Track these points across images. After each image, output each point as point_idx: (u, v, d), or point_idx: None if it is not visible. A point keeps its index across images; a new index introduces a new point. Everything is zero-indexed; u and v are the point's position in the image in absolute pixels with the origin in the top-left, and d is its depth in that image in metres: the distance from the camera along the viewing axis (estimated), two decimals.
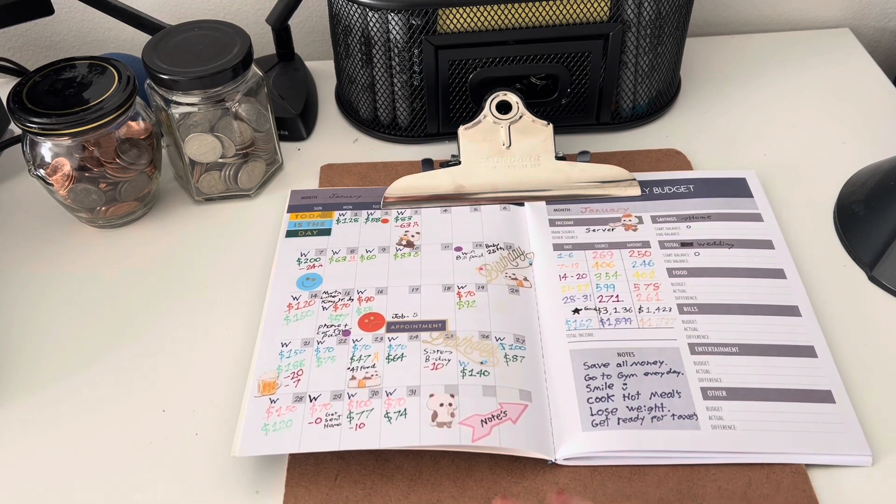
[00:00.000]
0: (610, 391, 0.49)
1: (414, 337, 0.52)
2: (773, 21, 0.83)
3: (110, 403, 0.52)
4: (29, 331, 0.56)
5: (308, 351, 0.52)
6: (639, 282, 0.55)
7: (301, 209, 0.62)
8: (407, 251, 0.58)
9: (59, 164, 0.58)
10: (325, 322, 0.54)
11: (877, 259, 0.57)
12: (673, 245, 0.58)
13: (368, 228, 0.60)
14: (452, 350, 0.51)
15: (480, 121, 0.62)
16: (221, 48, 0.59)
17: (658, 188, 0.62)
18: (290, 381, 0.50)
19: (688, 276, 0.56)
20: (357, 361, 0.51)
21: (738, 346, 0.51)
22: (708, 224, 0.59)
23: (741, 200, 0.61)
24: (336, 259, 0.58)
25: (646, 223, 0.60)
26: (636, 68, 0.67)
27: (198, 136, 0.60)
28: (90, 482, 0.47)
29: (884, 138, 0.68)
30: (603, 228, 0.59)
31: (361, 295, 0.55)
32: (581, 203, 0.62)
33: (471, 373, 0.50)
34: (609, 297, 0.55)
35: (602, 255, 0.57)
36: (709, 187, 0.62)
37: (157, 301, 0.57)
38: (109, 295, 0.58)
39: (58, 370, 0.53)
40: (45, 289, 0.59)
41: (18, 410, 0.51)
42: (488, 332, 0.52)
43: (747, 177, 0.63)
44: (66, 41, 0.82)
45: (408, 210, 0.62)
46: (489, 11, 0.62)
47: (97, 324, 0.56)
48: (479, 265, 0.57)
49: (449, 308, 0.54)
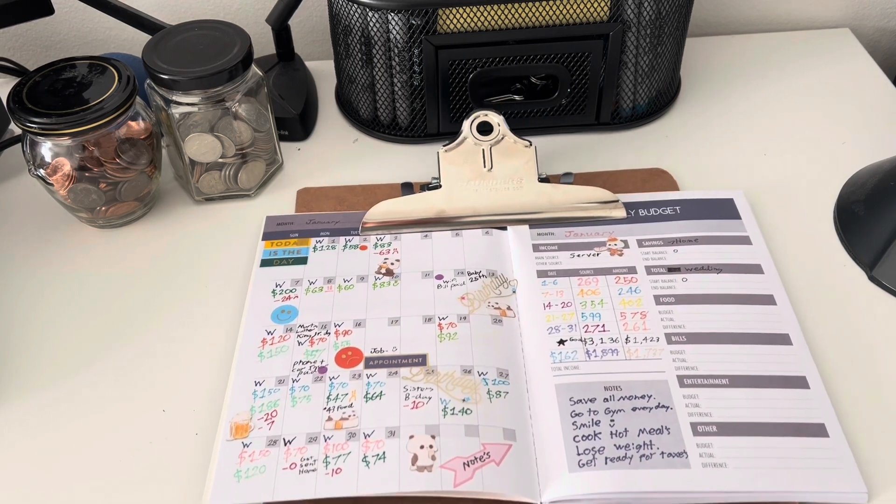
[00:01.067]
0: (597, 428, 0.47)
1: (393, 373, 0.50)
2: (773, 21, 0.83)
3: (110, 403, 0.52)
4: (29, 331, 0.56)
5: (282, 390, 0.50)
6: (625, 310, 0.53)
7: (276, 236, 0.60)
8: (386, 280, 0.56)
9: (59, 164, 0.58)
10: (301, 358, 0.51)
11: (877, 259, 0.57)
12: (660, 270, 0.56)
13: (346, 256, 0.58)
14: (433, 387, 0.49)
15: (461, 142, 0.60)
16: (221, 48, 0.59)
17: (644, 210, 0.60)
18: (263, 424, 0.48)
19: (675, 303, 0.54)
20: (333, 401, 0.49)
21: (728, 377, 0.50)
22: (695, 248, 0.57)
23: (729, 223, 0.59)
24: (312, 290, 0.56)
25: (632, 247, 0.58)
26: (636, 68, 0.67)
27: (198, 136, 0.60)
28: (90, 482, 0.47)
29: (884, 138, 0.68)
30: (588, 253, 0.58)
31: (339, 328, 0.53)
32: (565, 227, 0.60)
33: (452, 411, 0.48)
34: (595, 326, 0.53)
35: (587, 282, 0.55)
36: (696, 209, 0.60)
37: (157, 301, 0.57)
38: (109, 295, 0.58)
39: (58, 370, 0.53)
40: (45, 289, 0.59)
41: (18, 410, 0.51)
42: (470, 367, 0.50)
43: (735, 197, 0.61)
44: (66, 41, 0.82)
45: (387, 236, 0.59)
46: (489, 11, 0.62)
47: (97, 324, 0.56)
48: (460, 294, 0.55)
49: (430, 341, 0.52)
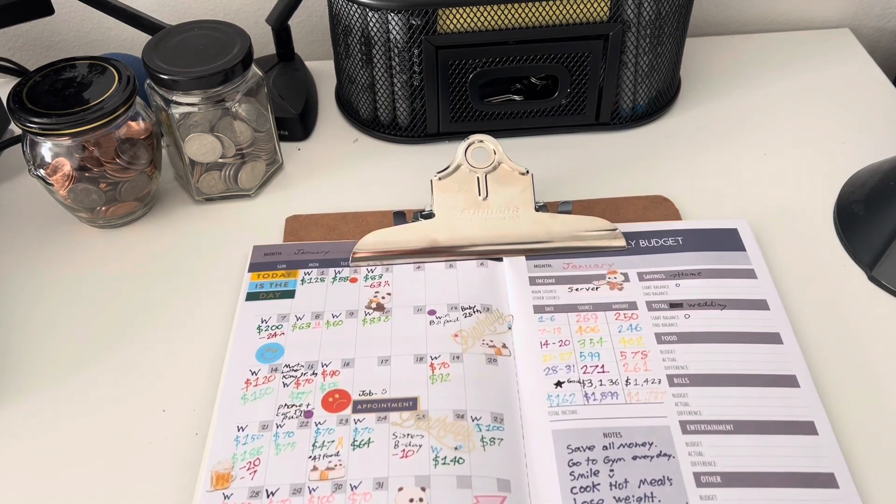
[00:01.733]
0: (595, 479, 0.45)
1: (382, 418, 0.48)
2: (773, 21, 0.83)
3: (110, 403, 0.52)
4: (29, 331, 0.56)
5: (266, 436, 0.47)
6: (626, 349, 0.51)
7: (263, 268, 0.58)
8: (377, 315, 0.54)
9: (59, 164, 0.58)
10: (286, 401, 0.49)
11: (877, 259, 0.57)
12: (661, 306, 0.54)
13: (336, 289, 0.56)
14: (424, 434, 0.47)
15: (455, 169, 0.57)
16: (221, 48, 0.59)
17: (644, 241, 0.58)
18: (245, 473, 0.46)
19: (678, 342, 0.52)
20: (319, 448, 0.46)
21: (733, 422, 0.47)
22: (698, 282, 0.55)
23: (733, 255, 0.57)
24: (299, 326, 0.53)
25: (632, 281, 0.55)
26: (636, 68, 0.67)
27: (198, 136, 0.60)
28: (90, 482, 0.47)
29: (884, 138, 0.68)
30: (587, 287, 0.55)
31: (326, 368, 0.51)
32: (563, 258, 0.57)
33: (444, 461, 0.45)
34: (594, 367, 0.51)
35: (586, 319, 0.53)
36: (698, 240, 0.58)
37: (156, 301, 0.57)
38: (109, 295, 0.58)
39: (58, 370, 0.53)
40: (45, 289, 0.59)
41: (18, 410, 0.51)
42: (463, 412, 0.48)
43: (739, 227, 0.59)
44: (66, 41, 0.82)
45: (378, 267, 0.57)
46: (489, 11, 0.62)
47: (97, 324, 0.56)
48: (454, 331, 0.52)
49: (421, 383, 0.50)
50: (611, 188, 0.64)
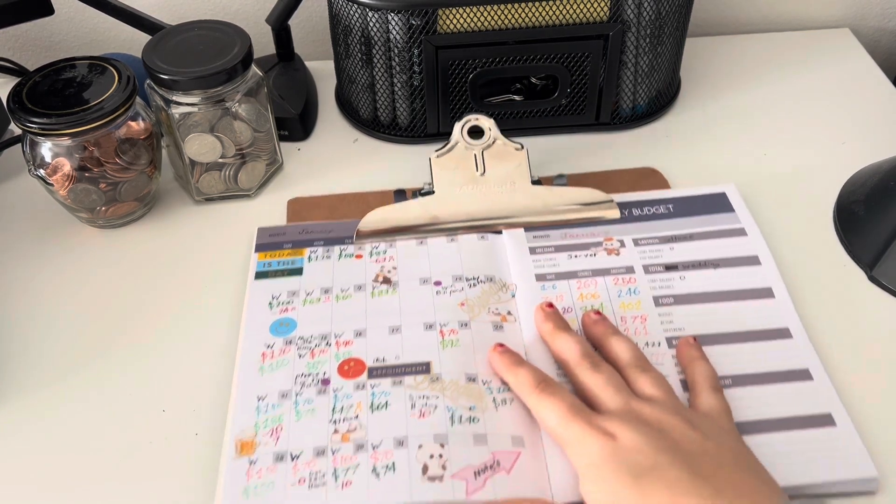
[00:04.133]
0: None
1: (398, 382, 0.49)
2: (773, 21, 0.83)
3: (110, 403, 0.52)
4: (29, 331, 0.56)
5: (286, 404, 0.49)
6: (625, 314, 0.53)
7: (269, 248, 0.59)
8: (384, 288, 0.55)
9: (59, 164, 0.58)
10: (303, 371, 0.50)
11: (877, 259, 0.57)
12: (657, 269, 0.56)
13: (342, 265, 0.57)
14: (439, 395, 0.48)
15: (452, 147, 0.59)
16: (221, 48, 0.59)
17: (637, 209, 0.60)
18: (269, 439, 0.47)
19: (675, 303, 0.54)
20: (339, 413, 0.48)
21: (732, 377, 0.50)
22: (691, 244, 0.57)
23: (723, 216, 0.59)
24: (310, 301, 0.55)
25: (628, 246, 0.57)
26: (636, 68, 0.67)
27: (198, 136, 0.60)
28: (90, 482, 0.47)
29: (884, 138, 0.68)
30: (585, 254, 0.57)
31: (339, 339, 0.52)
32: (560, 228, 0.59)
33: (460, 420, 0.47)
34: None
35: (586, 285, 0.55)
36: (688, 205, 0.60)
37: (156, 301, 0.57)
38: (109, 295, 0.58)
39: (57, 370, 0.53)
40: (45, 289, 0.59)
41: (18, 410, 0.51)
42: (475, 375, 0.49)
43: (727, 191, 0.61)
44: (66, 41, 0.82)
45: (382, 244, 0.59)
46: (489, 11, 0.62)
47: (97, 324, 0.56)
48: (460, 300, 0.54)
49: (432, 349, 0.51)
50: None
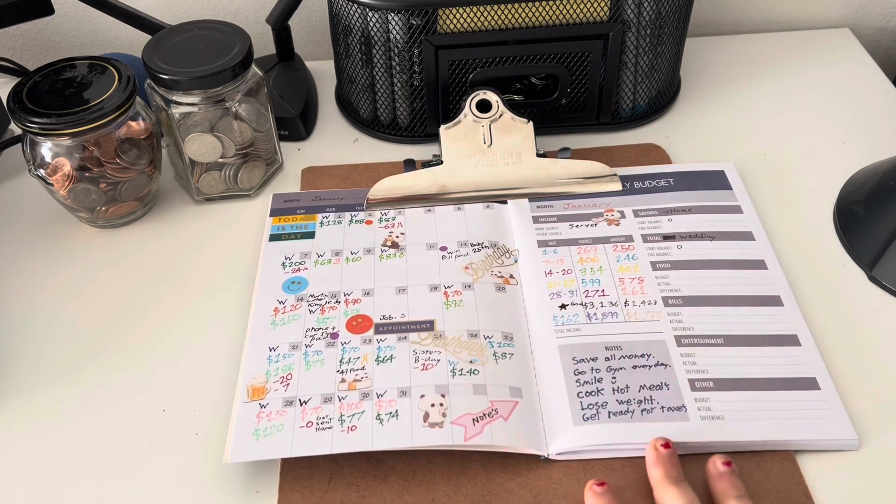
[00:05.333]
0: (599, 385, 0.49)
1: (402, 338, 0.52)
2: (773, 21, 0.83)
3: (110, 403, 0.52)
4: (29, 331, 0.56)
5: (296, 355, 0.52)
6: (623, 276, 0.56)
7: (284, 213, 0.62)
8: (392, 252, 0.58)
9: (59, 164, 0.58)
10: (313, 325, 0.53)
11: (877, 259, 0.57)
12: (655, 238, 0.58)
13: (352, 230, 0.60)
14: (441, 350, 0.51)
15: (461, 120, 0.62)
16: (221, 48, 0.59)
17: (638, 182, 0.63)
18: (279, 386, 0.50)
19: (671, 269, 0.56)
20: (346, 364, 0.51)
21: (723, 336, 0.52)
22: (689, 217, 0.60)
23: (720, 193, 0.62)
24: (321, 262, 0.58)
25: (628, 217, 0.60)
26: (636, 68, 0.67)
27: (198, 136, 0.60)
28: (90, 482, 0.47)
29: (884, 138, 0.68)
30: (586, 224, 0.60)
31: (348, 297, 0.55)
32: (563, 199, 0.62)
33: (461, 372, 0.50)
34: (595, 291, 0.55)
35: (586, 251, 0.58)
36: (688, 180, 0.63)
37: (157, 301, 0.57)
38: (109, 295, 0.58)
39: (58, 370, 0.53)
40: (45, 289, 0.59)
41: (18, 410, 0.51)
42: (476, 331, 0.52)
43: (725, 169, 0.64)
44: (66, 41, 0.82)
45: (391, 211, 0.62)
46: (489, 11, 0.62)
47: (97, 324, 0.56)
48: (464, 264, 0.57)
49: (436, 308, 0.54)
50: None
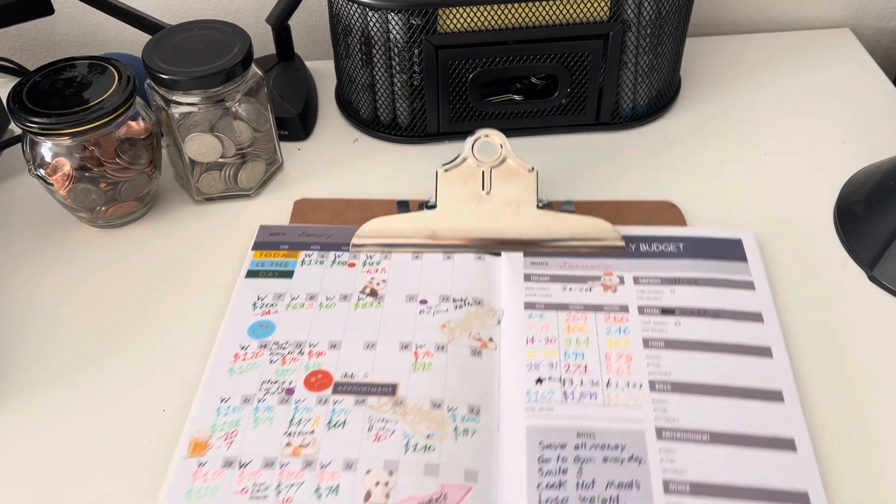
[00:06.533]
0: (563, 477, 0.45)
1: (360, 401, 0.49)
2: (773, 21, 0.83)
3: (110, 403, 0.52)
4: (28, 331, 0.56)
5: (247, 409, 0.49)
6: (611, 351, 0.51)
7: (267, 247, 0.59)
8: (369, 301, 0.55)
9: (59, 164, 0.58)
10: (270, 377, 0.50)
11: (877, 259, 0.57)
12: (653, 311, 0.53)
13: (333, 272, 0.57)
14: (399, 420, 0.48)
15: (461, 162, 0.57)
16: (221, 48, 0.59)
17: (645, 245, 0.57)
18: (222, 443, 0.47)
19: (665, 347, 0.51)
20: (295, 426, 0.48)
21: (710, 433, 0.46)
22: (694, 290, 0.54)
23: (734, 265, 0.56)
24: (293, 305, 0.55)
25: (627, 284, 0.55)
26: (636, 68, 0.67)
27: (198, 136, 0.60)
28: (89, 483, 0.47)
29: (884, 138, 0.68)
30: (580, 287, 0.55)
31: (313, 349, 0.52)
32: (561, 257, 0.57)
33: (415, 448, 0.46)
34: (577, 366, 0.50)
35: (575, 318, 0.53)
36: (700, 247, 0.57)
37: (156, 301, 0.57)
38: (109, 295, 0.58)
39: (57, 370, 0.53)
40: (44, 289, 0.59)
41: (18, 410, 0.51)
42: (441, 401, 0.48)
43: (743, 238, 0.58)
44: (66, 41, 0.82)
45: (377, 254, 0.58)
46: (489, 11, 0.62)
47: (97, 324, 0.56)
48: (442, 322, 0.53)
49: (403, 370, 0.50)
50: (611, 188, 0.64)
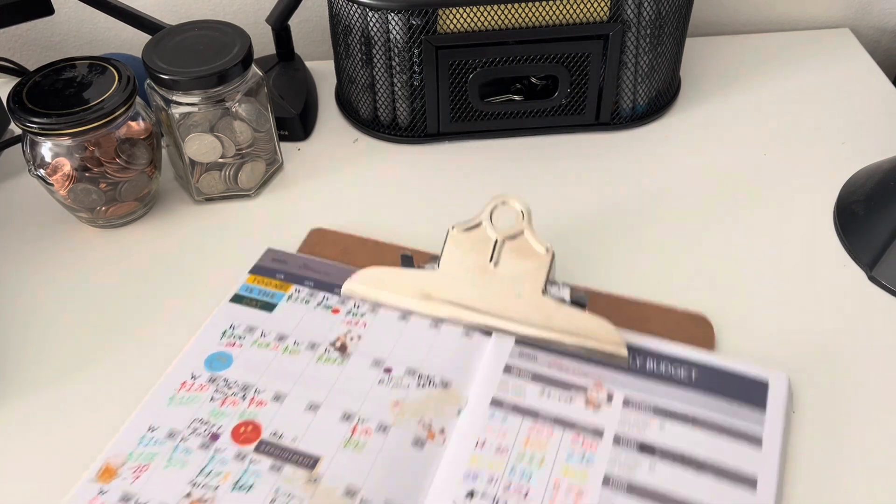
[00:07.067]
0: None
1: (277, 468, 0.45)
2: (773, 21, 0.83)
3: (110, 404, 0.52)
4: (28, 331, 0.56)
5: (167, 445, 0.46)
6: (563, 480, 0.44)
7: (264, 272, 0.57)
8: (334, 356, 0.51)
9: (59, 164, 0.58)
10: (203, 416, 0.48)
11: (877, 259, 0.57)
12: (630, 445, 0.46)
13: (314, 315, 0.54)
14: (306, 499, 0.44)
15: (475, 226, 0.53)
16: (221, 48, 0.59)
17: (652, 362, 0.49)
18: (129, 475, 0.45)
19: (625, 492, 0.43)
20: (204, 476, 0.45)
21: None
22: (688, 430, 0.46)
23: (748, 411, 0.47)
24: (259, 343, 0.52)
25: (614, 404, 0.48)
26: (636, 68, 0.67)
27: (198, 136, 0.60)
28: None
29: (884, 138, 0.68)
30: (560, 396, 0.48)
31: (256, 396, 0.49)
32: (552, 353, 0.51)
33: None
34: (518, 488, 0.44)
35: (539, 431, 0.46)
36: (716, 380, 0.48)
37: (156, 301, 0.57)
38: (109, 295, 0.58)
39: (57, 370, 0.53)
40: (44, 289, 0.59)
41: (18, 410, 0.51)
42: (357, 490, 0.44)
43: (771, 381, 0.48)
44: (66, 41, 0.82)
45: (365, 305, 0.54)
46: (489, 11, 0.62)
47: (97, 323, 0.56)
48: (397, 398, 0.48)
49: (334, 443, 0.46)
50: (610, 193, 0.64)
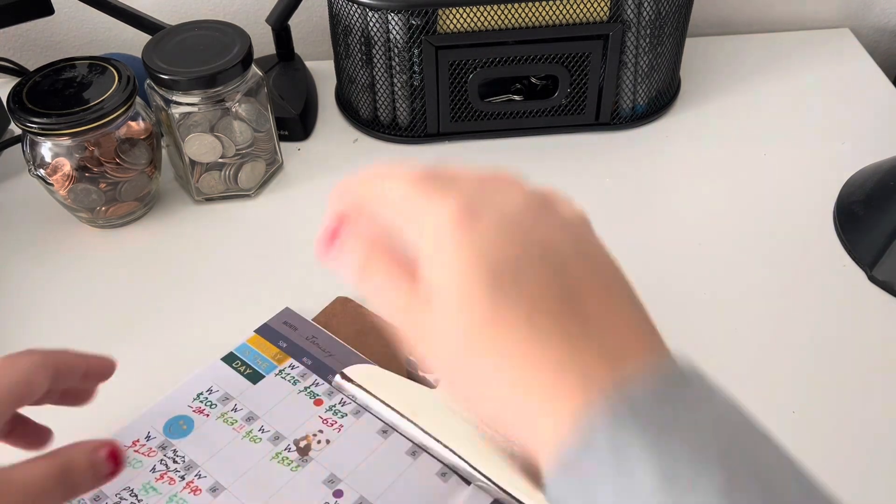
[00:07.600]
0: None
1: None
2: (773, 21, 0.83)
3: (110, 404, 0.51)
4: (28, 331, 0.56)
5: None
6: None
7: (269, 336, 0.53)
8: (290, 460, 0.46)
9: (59, 164, 0.58)
10: (135, 488, 0.45)
11: (877, 259, 0.57)
12: None
13: (295, 400, 0.49)
14: None
15: None
16: (221, 48, 0.59)
17: None
18: None
19: None
20: None
21: None
22: None
23: None
24: (226, 419, 0.48)
25: None
26: (636, 68, 0.67)
27: (198, 136, 0.60)
28: None
29: (884, 138, 0.68)
30: None
31: (195, 480, 0.45)
32: None
33: None
34: None
35: None
36: None
37: (156, 301, 0.57)
38: (109, 295, 0.58)
39: None
40: (44, 289, 0.59)
41: None
42: None
43: None
44: (66, 41, 0.82)
45: (351, 405, 0.49)
46: (489, 11, 0.62)
47: (97, 324, 0.56)
48: None
49: None
50: (610, 193, 0.64)
